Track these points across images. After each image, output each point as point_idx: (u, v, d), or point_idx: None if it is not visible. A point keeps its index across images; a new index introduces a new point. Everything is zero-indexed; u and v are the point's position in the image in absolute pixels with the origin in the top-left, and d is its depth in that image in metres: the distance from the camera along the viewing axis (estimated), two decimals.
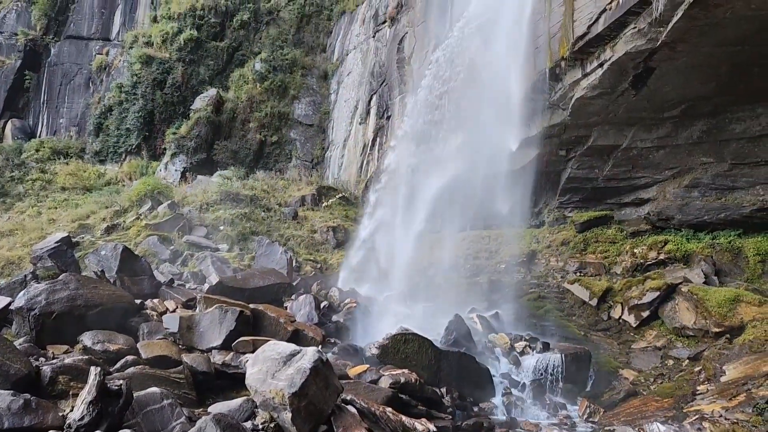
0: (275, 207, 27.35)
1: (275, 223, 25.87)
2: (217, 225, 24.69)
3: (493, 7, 20.09)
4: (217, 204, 26.10)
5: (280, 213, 26.90)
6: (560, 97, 17.39)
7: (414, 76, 28.29)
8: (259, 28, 39.26)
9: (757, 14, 11.89)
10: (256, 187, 28.99)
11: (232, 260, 21.61)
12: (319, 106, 36.96)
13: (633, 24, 13.93)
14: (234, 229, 24.41)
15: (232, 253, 22.79)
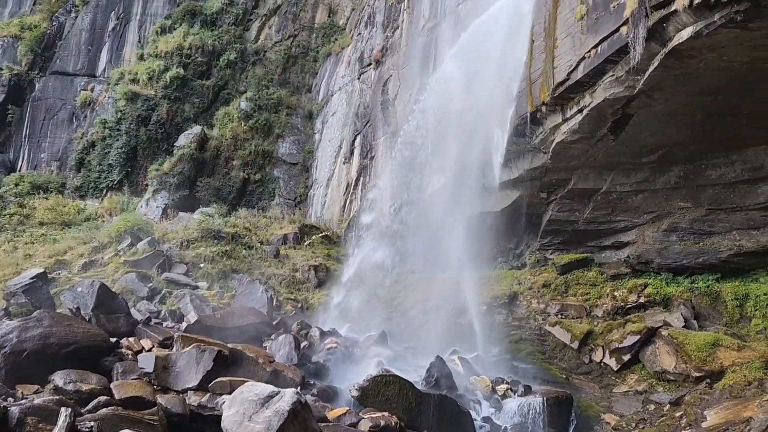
0: (257, 245, 27.17)
1: (256, 261, 25.66)
2: (198, 262, 24.42)
3: (476, 51, 20.58)
4: (198, 241, 25.86)
5: (261, 251, 26.71)
6: (541, 140, 17.71)
7: (398, 118, 28.69)
8: (246, 68, 39.70)
9: (729, 66, 12.33)
10: (238, 224, 28.83)
11: (212, 298, 21.32)
12: (303, 145, 37.19)
13: (611, 72, 14.32)
14: (214, 266, 24.16)
15: (211, 291, 22.51)
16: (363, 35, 35.28)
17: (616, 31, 13.57)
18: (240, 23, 40.64)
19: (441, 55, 24.92)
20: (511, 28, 18.74)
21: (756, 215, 15.88)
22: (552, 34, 16.40)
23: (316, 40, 40.75)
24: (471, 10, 24.07)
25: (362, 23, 36.17)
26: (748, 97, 13.39)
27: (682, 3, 11.30)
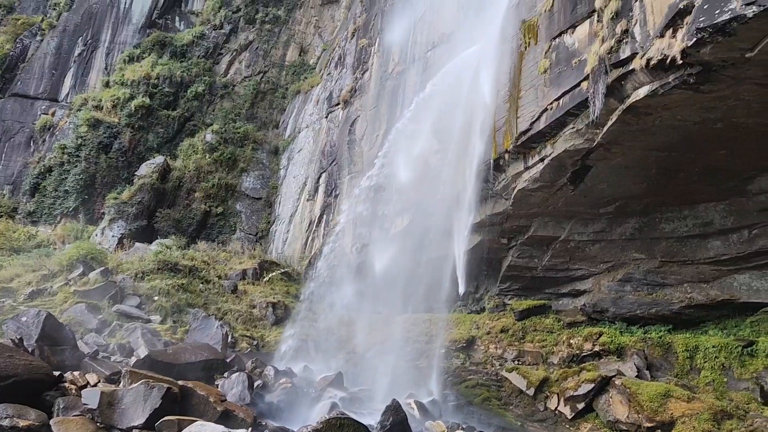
0: (215, 279, 26.64)
1: (213, 295, 25.12)
2: (152, 295, 23.74)
3: (443, 96, 21.04)
4: (154, 273, 25.21)
5: (219, 286, 26.19)
6: (503, 187, 18.04)
7: (364, 158, 28.92)
8: (213, 101, 39.70)
9: (682, 125, 12.89)
10: (197, 257, 28.28)
11: (164, 333, 20.69)
12: (267, 180, 37.06)
13: (572, 124, 14.81)
14: (169, 300, 23.52)
15: (164, 325, 21.85)
16: (333, 75, 35.75)
17: (578, 85, 14.11)
18: (210, 56, 40.78)
19: (409, 98, 25.36)
20: (477, 77, 19.27)
21: (706, 269, 16.39)
22: (516, 85, 16.93)
23: (285, 78, 41.14)
24: (439, 57, 24.72)
25: (332, 64, 36.71)
26: (700, 155, 13.98)
27: (639, 63, 11.84)
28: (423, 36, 27.62)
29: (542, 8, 16.16)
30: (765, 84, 10.90)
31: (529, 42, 16.69)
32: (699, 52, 10.50)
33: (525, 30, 16.95)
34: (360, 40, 33.52)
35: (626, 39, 12.27)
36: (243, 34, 41.49)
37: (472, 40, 21.06)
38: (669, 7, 11.04)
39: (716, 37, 10.01)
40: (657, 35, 11.34)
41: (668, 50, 11.03)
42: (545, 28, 15.90)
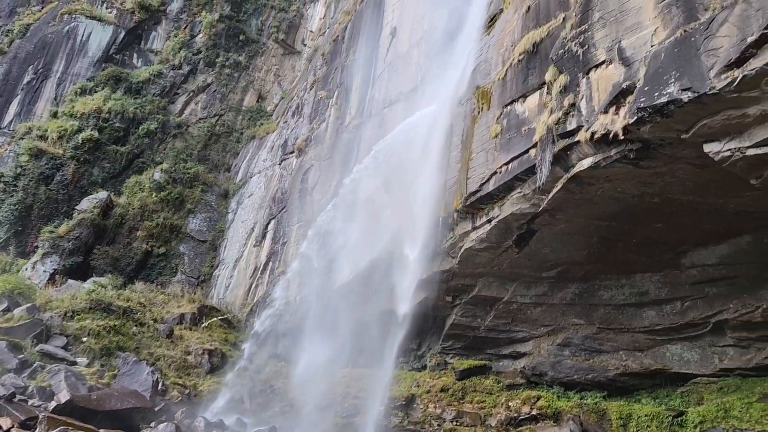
0: (150, 322, 25.55)
1: (147, 339, 24.04)
2: (81, 336, 22.52)
3: (397, 153, 21.40)
4: (85, 312, 23.98)
5: (154, 329, 25.11)
6: (451, 245, 18.26)
7: (315, 207, 28.86)
8: (165, 139, 39.10)
9: (623, 197, 13.47)
10: (133, 298, 27.14)
11: (90, 377, 19.55)
12: (214, 223, 36.39)
13: (519, 189, 15.25)
14: (99, 341, 22.33)
15: (91, 368, 20.67)
16: (289, 123, 35.97)
17: (526, 152, 14.62)
18: (166, 95, 40.42)
19: (363, 152, 25.67)
20: (431, 136, 19.75)
21: (641, 338, 16.86)
22: (468, 147, 17.41)
23: (241, 122, 41.10)
24: (396, 114, 25.27)
25: (290, 112, 37.00)
26: (638, 227, 14.58)
27: (584, 135, 12.41)
28: (381, 92, 28.26)
29: (496, 76, 16.84)
30: (698, 164, 11.57)
31: (482, 107, 17.29)
32: (639, 130, 11.09)
33: (479, 95, 17.58)
34: (319, 92, 34.00)
35: (573, 112, 12.88)
36: (202, 76, 41.45)
37: (429, 101, 21.68)
38: (613, 86, 11.70)
39: (655, 117, 10.63)
40: (601, 111, 11.95)
41: (611, 126, 11.61)
42: (498, 95, 16.54)
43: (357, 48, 32.00)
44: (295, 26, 43.51)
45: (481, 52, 18.82)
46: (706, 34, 9.80)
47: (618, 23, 11.97)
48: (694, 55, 9.95)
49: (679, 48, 10.29)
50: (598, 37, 12.35)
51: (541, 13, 15.25)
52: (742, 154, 10.31)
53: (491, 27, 19.08)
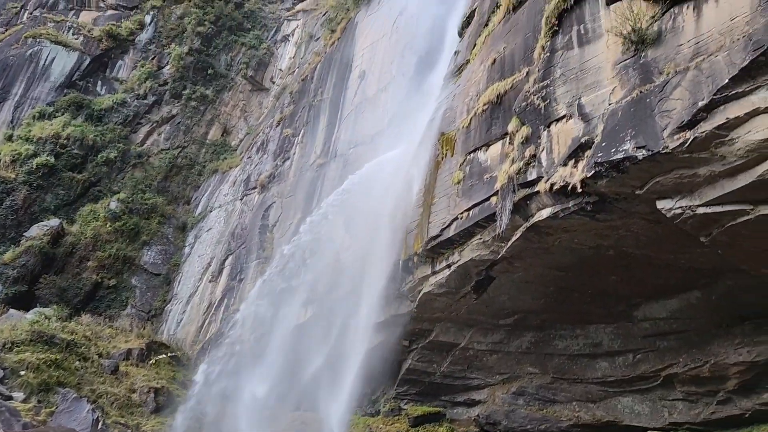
0: (94, 357, 24.49)
1: (90, 375, 22.98)
2: (18, 369, 21.37)
3: (360, 195, 21.45)
4: (25, 345, 22.84)
5: (98, 364, 24.06)
6: (410, 289, 18.21)
7: (274, 245, 28.55)
8: (125, 169, 38.30)
9: (579, 248, 13.73)
10: (78, 331, 26.03)
11: (26, 413, 18.49)
12: (170, 256, 35.55)
13: (479, 235, 15.40)
14: (38, 376, 21.22)
15: (27, 404, 19.57)
16: (253, 159, 35.83)
17: (487, 199, 14.84)
18: (128, 124, 39.80)
19: (326, 191, 25.68)
20: (395, 179, 19.90)
21: (594, 389, 16.96)
22: (431, 192, 17.58)
23: (204, 155, 40.70)
24: (361, 155, 25.47)
25: (254, 148, 36.90)
26: (593, 278, 14.84)
27: (544, 186, 12.68)
28: (347, 133, 28.52)
29: (461, 124, 17.19)
30: (651, 220, 11.92)
31: (446, 153, 17.56)
32: (596, 184, 11.41)
33: (444, 142, 17.87)
34: (285, 130, 34.10)
35: (534, 163, 13.18)
36: (167, 107, 41.08)
37: (394, 144, 21.95)
38: (572, 140, 12.06)
39: (611, 172, 10.96)
40: (561, 163, 12.27)
41: (570, 178, 11.91)
42: (462, 142, 16.84)
43: (325, 89, 32.37)
44: (264, 64, 43.79)
45: (447, 100, 19.23)
46: (661, 96, 10.25)
47: (578, 81, 12.43)
48: (649, 115, 10.36)
49: (635, 107, 10.71)
50: (560, 92, 12.78)
51: (506, 67, 15.74)
52: (693, 212, 10.68)
53: (458, 76, 19.58)
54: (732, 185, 9.96)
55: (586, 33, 12.59)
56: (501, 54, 16.12)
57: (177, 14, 43.37)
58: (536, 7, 14.91)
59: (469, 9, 21.62)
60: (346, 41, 33.21)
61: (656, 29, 10.86)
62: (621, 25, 11.23)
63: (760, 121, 9.04)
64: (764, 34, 8.67)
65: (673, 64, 10.29)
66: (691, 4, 10.35)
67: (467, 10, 21.71)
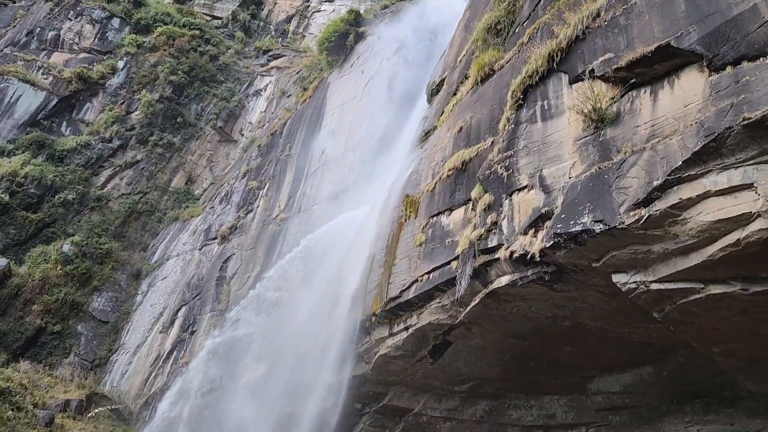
0: (29, 407, 23.11)
1: (21, 426, 21.62)
2: None
3: (321, 250, 21.34)
4: None
5: (32, 415, 22.69)
6: (366, 350, 17.93)
7: (230, 297, 27.96)
8: (82, 211, 37.28)
9: (536, 317, 13.83)
10: (14, 378, 24.63)
11: None
12: (121, 304, 34.31)
13: (438, 299, 15.39)
14: None
15: None
16: (216, 209, 35.48)
17: (448, 263, 14.91)
18: (91, 167, 39.04)
19: (288, 246, 25.49)
20: (357, 238, 19.91)
21: None
22: (392, 252, 17.60)
23: (166, 202, 40.03)
24: (324, 212, 25.53)
25: (218, 198, 36.61)
26: (549, 348, 14.89)
27: (504, 254, 12.84)
28: (313, 190, 28.64)
29: (426, 188, 17.44)
30: (607, 293, 12.13)
31: (410, 215, 17.71)
32: (555, 254, 11.61)
33: (408, 204, 18.05)
34: (251, 182, 34.04)
35: (495, 230, 13.38)
36: (132, 152, 40.58)
37: (359, 203, 22.08)
38: (533, 210, 12.33)
39: (570, 243, 11.19)
40: (521, 232, 12.49)
41: (529, 247, 12.10)
42: (426, 205, 17.04)
43: (294, 144, 32.67)
44: (235, 116, 44.00)
45: (413, 163, 19.57)
46: (618, 173, 10.63)
47: (540, 153, 12.83)
48: (606, 191, 10.71)
49: (594, 183, 11.07)
50: (522, 163, 13.15)
51: (472, 135, 16.19)
52: (646, 287, 10.92)
53: (425, 141, 20.03)
54: (684, 263, 10.26)
55: (549, 108, 13.10)
56: (468, 123, 16.60)
57: (151, 62, 43.53)
58: (503, 81, 15.52)
59: (438, 77, 22.37)
60: (318, 100, 33.84)
61: (615, 110, 11.38)
62: (582, 104, 11.73)
63: (711, 203, 9.43)
64: (715, 122, 9.16)
65: (630, 143, 10.74)
66: (648, 89, 10.92)
67: (437, 79, 22.46)
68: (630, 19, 11.34)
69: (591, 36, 12.26)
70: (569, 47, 12.75)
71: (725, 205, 9.25)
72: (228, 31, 48.93)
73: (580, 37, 12.52)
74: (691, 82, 10.05)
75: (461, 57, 20.16)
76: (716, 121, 9.14)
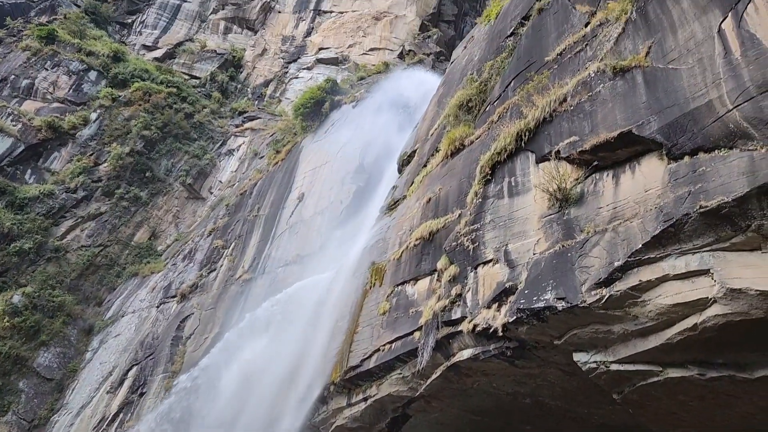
0: None
1: None
2: None
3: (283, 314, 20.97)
4: None
5: None
6: (323, 420, 17.40)
7: (185, 359, 27.01)
8: (38, 261, 36.04)
9: (497, 393, 13.67)
10: None
11: None
12: (68, 360, 32.76)
13: (399, 370, 15.13)
14: None
15: None
16: (178, 266, 34.74)
17: (411, 334, 14.77)
18: (52, 216, 38.07)
19: (249, 308, 24.96)
20: (321, 304, 19.65)
21: None
22: (356, 320, 17.38)
23: (127, 257, 39.04)
24: (289, 275, 25.23)
25: (181, 255, 35.92)
26: (509, 427, 14.67)
27: (467, 326, 12.79)
28: (279, 252, 28.38)
29: (392, 256, 17.47)
30: (567, 371, 12.10)
31: (375, 283, 17.64)
32: (517, 330, 11.61)
33: (373, 271, 18.00)
34: (216, 240, 33.61)
35: (459, 302, 13.38)
36: (96, 203, 39.81)
37: (325, 268, 21.93)
38: (497, 284, 12.41)
39: (532, 319, 11.23)
40: (485, 306, 12.51)
41: (492, 321, 12.10)
42: (391, 273, 17.02)
43: (263, 205, 32.61)
44: (205, 174, 43.88)
45: (381, 231, 19.66)
46: (581, 252, 10.84)
47: (506, 228, 13.04)
48: (569, 269, 10.87)
49: (557, 260, 11.25)
50: (488, 237, 13.33)
51: (440, 207, 16.42)
52: (606, 368, 10.94)
53: (393, 210, 20.22)
54: (644, 345, 10.35)
55: (516, 185, 13.43)
56: (436, 194, 16.86)
57: (125, 115, 43.50)
58: (472, 156, 15.93)
59: (410, 149, 22.87)
60: (290, 163, 34.10)
61: (579, 191, 11.73)
62: (548, 183, 12.06)
63: (669, 287, 9.63)
64: (673, 207, 9.49)
65: (593, 224, 11.02)
66: (610, 172, 11.31)
67: (408, 150, 22.95)
68: (594, 106, 11.88)
69: (558, 119, 12.76)
70: (537, 128, 13.24)
71: (683, 290, 9.46)
72: (205, 90, 49.49)
73: (547, 119, 13.03)
74: (651, 168, 10.45)
75: (433, 130, 20.73)
76: (675, 207, 9.48)
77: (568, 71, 13.48)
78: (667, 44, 10.77)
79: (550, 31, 15.46)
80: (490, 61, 18.37)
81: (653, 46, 11.11)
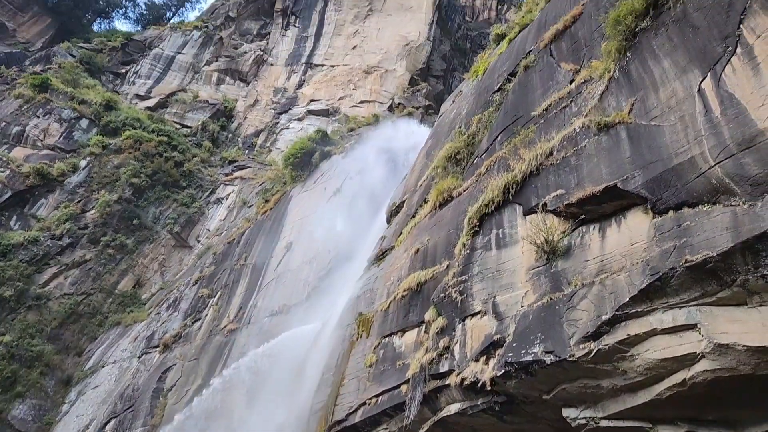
0: None
1: None
2: None
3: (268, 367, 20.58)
4: None
5: None
6: None
7: (166, 412, 26.25)
8: (18, 309, 35.24)
9: None
10: None
11: None
12: (45, 413, 31.69)
13: (385, 425, 14.75)
14: None
15: None
16: (162, 316, 34.17)
17: (398, 387, 14.48)
18: (35, 263, 37.52)
19: (233, 359, 24.50)
20: (308, 355, 19.33)
21: None
22: (342, 372, 17.05)
23: (110, 305, 38.34)
24: (275, 325, 24.86)
25: (165, 304, 35.38)
26: None
27: (455, 380, 12.57)
28: (265, 301, 28.06)
29: (380, 307, 17.30)
30: (557, 427, 11.87)
31: (362, 334, 17.40)
32: (506, 383, 11.43)
33: (360, 322, 17.79)
34: (202, 289, 33.19)
35: (447, 355, 13.19)
36: (81, 251, 39.33)
37: (312, 318, 21.68)
38: (485, 337, 12.28)
39: (521, 373, 11.07)
40: (473, 359, 12.34)
41: (480, 375, 11.91)
42: (379, 325, 16.82)
43: (250, 254, 32.42)
44: (193, 222, 43.74)
45: (369, 281, 19.54)
46: (569, 305, 10.80)
47: (494, 280, 13.01)
48: (557, 322, 10.81)
49: (545, 313, 11.19)
50: (476, 289, 13.27)
51: (428, 258, 16.40)
52: (596, 424, 10.75)
53: (381, 260, 20.15)
54: (633, 401, 10.21)
55: (504, 237, 13.49)
56: (425, 245, 16.87)
57: (114, 163, 43.58)
58: (460, 207, 16.04)
59: (399, 199, 23.01)
60: (279, 212, 34.14)
61: (566, 243, 11.78)
62: (535, 235, 12.12)
63: (658, 341, 9.58)
64: (660, 261, 9.54)
65: (580, 276, 11.02)
66: (597, 225, 11.41)
67: (397, 200, 23.10)
68: (580, 160, 12.07)
69: (544, 172, 12.94)
70: (524, 181, 13.40)
71: (671, 344, 9.41)
72: (196, 139, 49.89)
73: (534, 172, 13.21)
74: (637, 222, 10.56)
75: (422, 182, 20.92)
76: (661, 261, 9.52)
77: (554, 126, 13.76)
78: (650, 101, 11.07)
79: (536, 87, 15.87)
80: (478, 115, 18.74)
81: (636, 103, 11.40)
